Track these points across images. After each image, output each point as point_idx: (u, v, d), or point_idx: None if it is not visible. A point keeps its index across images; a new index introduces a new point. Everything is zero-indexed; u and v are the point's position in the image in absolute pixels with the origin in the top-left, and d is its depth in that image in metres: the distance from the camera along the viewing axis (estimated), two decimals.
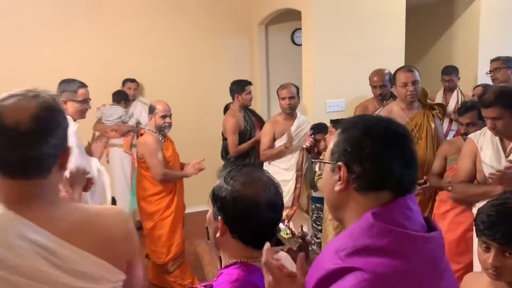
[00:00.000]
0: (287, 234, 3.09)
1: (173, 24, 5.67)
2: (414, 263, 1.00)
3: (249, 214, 1.31)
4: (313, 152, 3.86)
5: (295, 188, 3.95)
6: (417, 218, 1.08)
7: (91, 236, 1.27)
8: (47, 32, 5.22)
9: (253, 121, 4.67)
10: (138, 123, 5.40)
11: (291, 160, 3.97)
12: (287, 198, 3.92)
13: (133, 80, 5.38)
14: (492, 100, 2.46)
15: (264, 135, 4.10)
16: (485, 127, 2.67)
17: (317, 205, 3.80)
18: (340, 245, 1.04)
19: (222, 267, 1.40)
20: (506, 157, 2.55)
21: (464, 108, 3.07)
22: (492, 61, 4.26)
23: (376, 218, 1.03)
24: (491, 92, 2.52)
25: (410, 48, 4.94)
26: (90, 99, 3.14)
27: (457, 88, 4.99)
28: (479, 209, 1.65)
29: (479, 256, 1.61)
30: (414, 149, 1.14)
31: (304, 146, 3.88)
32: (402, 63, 4.60)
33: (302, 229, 2.99)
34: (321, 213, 3.75)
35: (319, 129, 3.82)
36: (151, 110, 3.68)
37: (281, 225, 3.21)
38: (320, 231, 3.73)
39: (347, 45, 4.51)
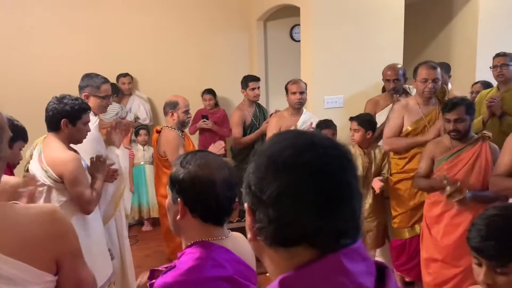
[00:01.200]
0: None
1: (170, 18, 5.65)
2: None
3: (207, 193, 1.40)
4: None
5: None
6: (354, 281, 0.75)
7: (6, 237, 1.22)
8: (39, 26, 5.19)
9: (264, 117, 4.73)
10: (136, 118, 5.39)
11: None
12: None
13: (126, 75, 5.34)
14: None
15: (270, 130, 4.12)
16: None
17: None
18: None
19: (184, 248, 1.47)
20: None
21: (451, 104, 2.99)
22: (498, 56, 4.01)
23: None
24: None
25: (408, 44, 4.94)
26: (111, 94, 3.19)
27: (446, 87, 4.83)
28: (472, 222, 1.54)
29: (473, 271, 1.53)
30: (351, 183, 0.78)
31: None
32: (400, 60, 4.60)
33: None
34: None
35: (325, 125, 3.79)
36: (173, 105, 3.55)
37: None
38: None
39: (346, 42, 4.50)
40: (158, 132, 3.64)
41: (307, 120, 4.04)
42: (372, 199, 3.53)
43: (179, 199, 1.42)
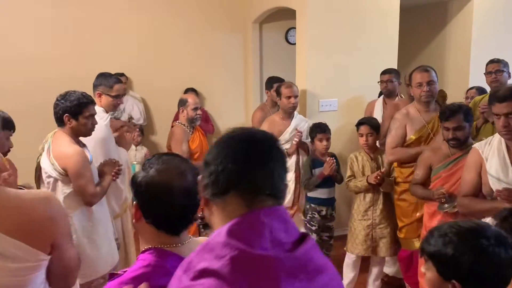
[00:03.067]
0: None
1: (166, 19, 5.63)
2: (244, 284, 0.95)
3: (160, 200, 1.34)
4: (301, 147, 3.88)
5: (295, 188, 3.89)
6: (271, 233, 1.00)
7: (9, 218, 1.36)
8: (34, 25, 5.14)
9: None
10: (130, 118, 5.36)
11: (290, 161, 3.86)
12: (287, 198, 3.86)
13: (121, 75, 5.30)
14: (508, 94, 2.34)
15: None
16: (490, 137, 2.55)
17: (312, 205, 3.73)
18: (189, 265, 1.02)
19: (140, 252, 1.43)
20: None
21: (449, 111, 2.89)
22: (492, 62, 3.94)
23: (230, 236, 0.99)
24: (507, 88, 2.43)
25: (403, 48, 4.96)
26: (124, 94, 3.35)
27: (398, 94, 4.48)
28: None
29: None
30: (268, 155, 1.06)
31: (293, 141, 3.82)
32: (395, 64, 4.62)
33: None
34: (315, 213, 3.71)
35: (320, 129, 3.71)
36: (182, 103, 3.84)
37: None
38: (314, 231, 3.70)
39: (341, 45, 4.51)
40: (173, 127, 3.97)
41: (299, 123, 3.97)
42: (383, 204, 3.47)
43: (135, 202, 1.39)
